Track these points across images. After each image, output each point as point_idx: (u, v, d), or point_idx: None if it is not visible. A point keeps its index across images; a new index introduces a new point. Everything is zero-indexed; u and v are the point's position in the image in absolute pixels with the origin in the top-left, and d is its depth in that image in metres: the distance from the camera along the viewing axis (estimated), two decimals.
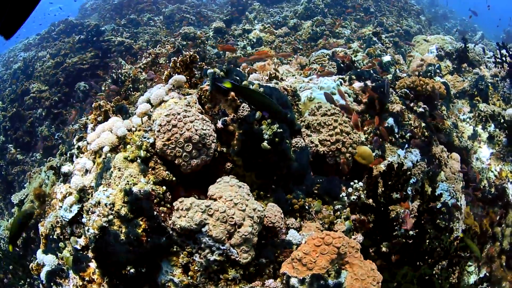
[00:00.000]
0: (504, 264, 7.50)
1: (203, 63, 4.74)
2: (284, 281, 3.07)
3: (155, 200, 3.20)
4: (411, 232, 4.63)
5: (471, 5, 23.79)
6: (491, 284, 7.20)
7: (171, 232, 3.10)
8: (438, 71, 8.71)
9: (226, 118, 3.58)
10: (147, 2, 17.92)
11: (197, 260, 2.98)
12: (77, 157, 4.84)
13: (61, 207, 4.37)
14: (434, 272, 4.04)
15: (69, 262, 3.78)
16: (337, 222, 4.03)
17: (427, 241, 4.14)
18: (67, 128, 11.77)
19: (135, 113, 4.27)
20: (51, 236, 4.31)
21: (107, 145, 4.08)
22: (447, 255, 4.04)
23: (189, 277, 3.03)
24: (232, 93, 3.60)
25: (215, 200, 3.09)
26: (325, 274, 3.00)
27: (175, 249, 3.11)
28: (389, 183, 4.23)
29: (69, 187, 4.42)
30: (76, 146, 5.05)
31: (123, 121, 4.31)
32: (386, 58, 8.84)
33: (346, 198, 4.32)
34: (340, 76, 6.71)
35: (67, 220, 3.99)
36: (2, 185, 11.86)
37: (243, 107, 3.58)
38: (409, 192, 5.63)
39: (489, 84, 9.14)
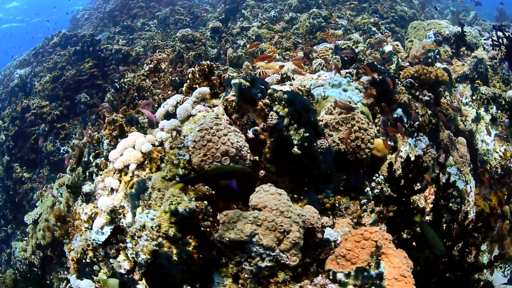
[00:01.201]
0: None
1: (221, 71, 4.84)
2: (330, 277, 3.24)
3: (199, 216, 3.29)
4: (428, 218, 4.81)
5: None
6: (505, 260, 7.45)
7: (218, 244, 3.22)
8: (438, 56, 8.82)
9: (256, 127, 3.70)
10: (139, 7, 17.92)
11: (247, 268, 3.10)
12: (96, 175, 4.83)
13: (87, 228, 4.37)
14: (452, 253, 4.21)
15: (108, 284, 3.80)
16: (364, 216, 4.23)
17: (444, 225, 4.34)
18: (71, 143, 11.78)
19: (159, 126, 4.33)
20: (83, 260, 4.29)
21: (133, 162, 4.09)
22: (464, 237, 4.22)
23: (239, 285, 3.17)
24: (261, 103, 3.73)
25: (259, 209, 3.22)
26: (367, 266, 3.19)
27: (224, 261, 3.23)
28: (410, 176, 4.42)
29: (94, 206, 4.41)
30: (94, 164, 5.01)
31: (145, 136, 4.35)
32: (388, 48, 8.96)
33: (370, 192, 4.50)
34: (347, 71, 6.82)
35: (101, 243, 4.00)
36: (11, 206, 11.80)
37: (271, 115, 3.71)
38: None
39: (488, 66, 9.28)
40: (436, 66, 8.25)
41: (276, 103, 3.81)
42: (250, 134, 3.71)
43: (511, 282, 7.22)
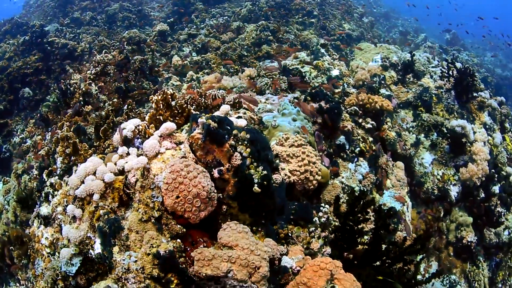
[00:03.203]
0: (452, 254, 8.52)
1: (183, 103, 5.08)
2: None
3: (177, 255, 3.66)
4: (366, 237, 5.36)
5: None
6: (443, 272, 8.25)
7: (194, 278, 3.59)
8: (383, 82, 9.30)
9: (221, 168, 4.01)
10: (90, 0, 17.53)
11: None
12: (53, 196, 4.91)
13: (50, 253, 4.54)
14: (392, 270, 4.77)
15: None
16: (312, 242, 4.73)
17: (383, 246, 4.89)
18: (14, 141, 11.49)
19: (119, 152, 4.46)
20: None
21: (96, 192, 4.20)
22: (402, 257, 4.77)
23: None
24: (227, 145, 4.06)
25: (230, 247, 3.62)
26: None
27: None
28: (356, 209, 4.91)
29: (55, 231, 4.55)
30: (48, 183, 5.07)
31: (107, 165, 4.38)
32: (335, 73, 9.34)
33: (318, 220, 4.97)
34: (294, 96, 7.20)
35: (73, 274, 4.14)
36: None
37: (235, 156, 4.03)
38: None
39: (433, 95, 9.71)
40: (380, 93, 8.82)
41: (239, 143, 4.15)
42: (216, 173, 4.00)
43: None
